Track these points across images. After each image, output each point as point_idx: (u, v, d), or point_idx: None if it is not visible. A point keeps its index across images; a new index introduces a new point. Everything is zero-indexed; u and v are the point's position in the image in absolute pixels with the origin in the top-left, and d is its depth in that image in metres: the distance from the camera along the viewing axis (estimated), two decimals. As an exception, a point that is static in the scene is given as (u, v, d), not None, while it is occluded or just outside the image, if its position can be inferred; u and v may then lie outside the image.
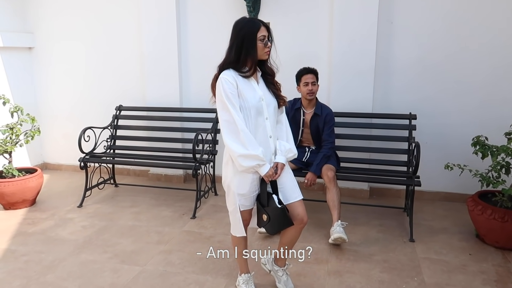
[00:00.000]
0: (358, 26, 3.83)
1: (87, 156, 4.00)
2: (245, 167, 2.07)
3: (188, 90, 4.54)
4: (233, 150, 2.07)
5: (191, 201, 3.95)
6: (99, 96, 4.85)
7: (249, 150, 2.04)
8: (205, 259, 2.90)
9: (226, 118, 2.08)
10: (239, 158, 2.06)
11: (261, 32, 2.10)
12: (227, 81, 2.07)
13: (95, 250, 3.05)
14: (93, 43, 4.75)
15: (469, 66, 3.76)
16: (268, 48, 2.14)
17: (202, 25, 4.35)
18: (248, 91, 2.12)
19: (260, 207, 2.21)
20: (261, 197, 2.21)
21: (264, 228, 2.28)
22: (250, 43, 2.09)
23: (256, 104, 2.12)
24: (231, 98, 2.06)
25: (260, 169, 2.11)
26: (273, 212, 2.14)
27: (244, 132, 2.05)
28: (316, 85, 3.34)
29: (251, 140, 2.06)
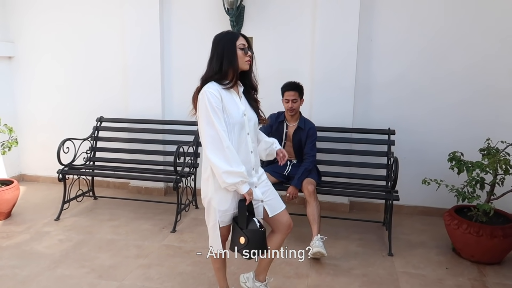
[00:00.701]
0: (339, 43, 3.92)
1: (66, 168, 3.93)
2: (228, 183, 2.05)
3: (171, 102, 4.54)
4: (218, 166, 2.04)
5: (171, 214, 3.92)
6: (79, 107, 4.79)
7: (233, 167, 2.02)
8: (185, 274, 2.87)
9: (210, 133, 2.04)
10: (223, 175, 2.04)
11: (240, 41, 2.12)
12: (212, 95, 2.04)
13: (71, 265, 2.98)
14: (75, 53, 4.71)
15: (446, 86, 3.88)
16: (249, 57, 2.13)
17: (186, 38, 4.38)
18: (232, 105, 2.11)
19: (238, 229, 2.13)
20: (239, 219, 2.14)
21: (239, 252, 2.18)
22: (230, 52, 2.10)
23: (239, 119, 2.12)
24: (217, 111, 2.03)
25: (241, 187, 2.07)
26: (254, 235, 2.09)
27: (229, 149, 2.03)
28: (297, 102, 3.38)
29: (236, 157, 2.05)
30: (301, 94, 3.41)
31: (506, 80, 3.75)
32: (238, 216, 2.15)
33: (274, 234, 2.33)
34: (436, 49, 3.86)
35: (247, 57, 2.13)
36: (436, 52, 3.86)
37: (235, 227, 2.17)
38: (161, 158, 4.41)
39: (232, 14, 4.03)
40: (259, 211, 2.22)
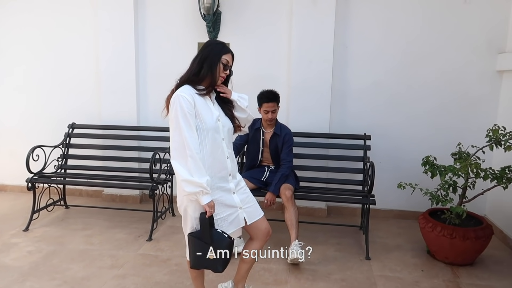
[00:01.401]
0: (315, 50, 3.97)
1: (35, 176, 3.78)
2: (187, 192, 2.01)
3: (146, 108, 4.46)
4: (178, 174, 2.01)
5: (147, 222, 3.82)
6: (49, 113, 4.63)
7: (194, 177, 1.98)
8: (162, 283, 2.80)
9: (177, 139, 2.01)
10: (182, 183, 2.01)
11: (227, 57, 2.12)
12: (185, 99, 2.00)
13: (42, 277, 2.85)
14: (46, 58, 4.56)
15: (420, 93, 3.99)
16: (225, 74, 2.12)
17: (161, 43, 4.32)
18: (205, 111, 2.08)
19: (203, 244, 2.04)
20: (202, 233, 2.05)
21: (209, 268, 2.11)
22: (213, 60, 2.09)
23: (213, 125, 2.09)
24: (188, 117, 1.99)
25: (202, 198, 2.00)
26: (222, 247, 2.04)
27: (192, 158, 1.98)
28: (275, 112, 3.38)
29: (199, 167, 1.99)
30: (278, 102, 3.42)
31: (476, 87, 3.89)
32: (200, 231, 2.07)
33: (253, 241, 2.30)
34: (410, 57, 3.96)
35: (224, 73, 2.11)
36: (410, 60, 3.97)
37: (196, 243, 2.07)
38: (136, 165, 4.31)
39: (209, 20, 4.01)
40: (240, 218, 2.19)
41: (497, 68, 3.82)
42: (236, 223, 2.18)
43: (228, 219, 2.15)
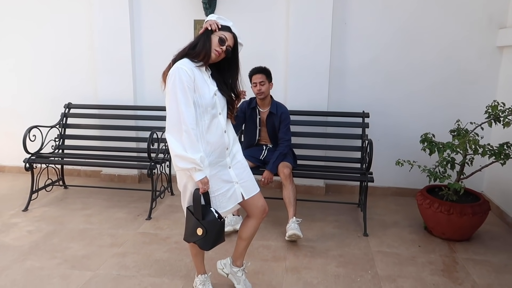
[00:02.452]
0: (313, 27, 3.90)
1: (32, 156, 3.77)
2: (180, 167, 2.01)
3: (143, 88, 4.41)
4: (172, 149, 2.00)
5: (146, 201, 3.84)
6: (46, 93, 4.58)
7: (187, 152, 1.96)
8: (162, 260, 2.83)
9: (173, 113, 1.98)
10: (175, 158, 2.00)
11: (225, 33, 2.07)
12: (185, 72, 1.96)
13: (42, 256, 2.88)
14: (40, 37, 4.48)
15: (419, 70, 3.95)
16: (221, 49, 2.05)
17: (157, 21, 4.24)
18: (204, 86, 2.05)
19: (195, 220, 2.05)
20: (195, 209, 2.06)
21: (195, 243, 2.13)
22: (208, 34, 2.07)
23: (210, 100, 2.06)
24: (187, 91, 1.96)
25: (195, 174, 1.99)
26: (212, 226, 2.03)
27: (187, 133, 1.96)
28: (265, 84, 3.32)
29: (193, 143, 1.97)
30: (269, 77, 3.36)
31: (476, 63, 3.85)
32: (193, 206, 2.08)
33: (249, 219, 2.31)
34: (409, 33, 3.90)
35: (219, 48, 2.04)
36: (409, 36, 3.90)
37: (190, 217, 2.09)
38: (134, 145, 4.30)
39: (205, -5, 3.92)
40: (237, 193, 2.19)
41: (497, 44, 3.77)
42: (234, 198, 2.18)
43: (226, 195, 2.16)
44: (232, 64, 2.17)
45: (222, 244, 2.16)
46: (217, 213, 2.07)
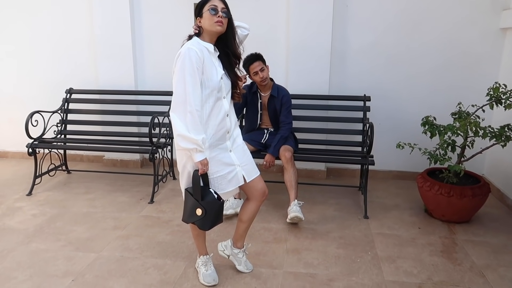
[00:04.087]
0: (314, 9, 3.86)
1: (35, 141, 3.79)
2: (181, 147, 2.03)
3: (143, 72, 4.40)
4: (175, 127, 2.01)
5: (148, 186, 3.87)
6: (47, 78, 4.58)
7: (190, 133, 1.98)
8: (164, 243, 2.87)
9: (180, 92, 1.99)
10: (178, 137, 2.02)
11: (212, 2, 2.04)
12: (195, 53, 1.97)
13: (47, 239, 2.92)
14: (40, 23, 4.45)
15: (420, 53, 3.91)
16: (219, 17, 2.03)
17: (157, 5, 4.19)
18: (212, 68, 2.06)
19: (194, 200, 2.08)
20: (194, 190, 2.08)
21: (197, 224, 2.15)
22: (198, 13, 2.07)
23: (217, 83, 2.07)
24: (195, 72, 1.96)
25: (195, 155, 2.01)
26: (211, 207, 2.07)
27: (192, 114, 1.97)
28: (264, 70, 3.31)
29: (196, 124, 1.98)
30: (264, 61, 3.34)
31: (478, 46, 3.81)
32: (192, 187, 2.10)
33: (249, 201, 2.34)
34: (411, 15, 3.85)
35: (217, 17, 2.03)
36: (411, 18, 3.86)
37: (188, 198, 2.11)
38: (136, 130, 4.31)
39: (204, -22, 3.87)
40: (239, 176, 2.20)
41: (500, 26, 3.73)
42: (236, 181, 2.20)
43: (227, 177, 2.18)
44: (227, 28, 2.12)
45: (223, 226, 2.20)
46: (216, 194, 2.10)
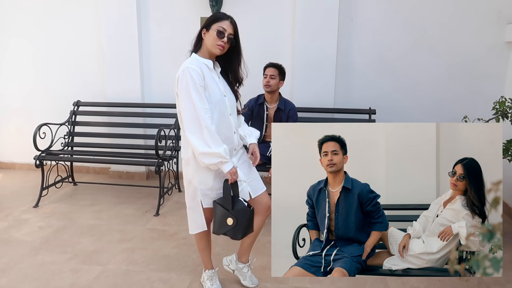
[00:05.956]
0: (320, 22, 3.90)
1: (43, 153, 3.83)
2: (206, 164, 2.03)
3: (150, 85, 4.45)
4: (195, 147, 2.01)
5: (154, 198, 3.89)
6: (55, 91, 4.65)
7: (211, 148, 1.99)
8: (169, 256, 2.87)
9: (190, 112, 2.00)
10: (200, 156, 2.02)
11: (222, 24, 2.05)
12: (195, 71, 1.98)
13: (53, 251, 2.93)
14: (48, 35, 4.54)
15: (425, 65, 3.95)
16: (223, 42, 2.04)
17: (164, 19, 4.27)
18: (212, 83, 2.08)
19: (224, 211, 2.08)
20: (224, 200, 2.10)
21: (225, 234, 2.15)
22: (206, 26, 2.08)
23: (220, 98, 2.09)
24: (199, 89, 1.98)
25: (223, 166, 2.03)
26: (242, 215, 2.07)
27: (208, 129, 1.99)
28: (275, 79, 3.35)
29: (214, 137, 2.00)
30: (282, 74, 3.39)
31: (484, 59, 3.83)
32: (222, 197, 2.12)
33: (255, 216, 2.33)
34: (416, 28, 3.89)
35: (220, 41, 2.04)
36: (416, 32, 3.90)
37: (218, 209, 2.12)
38: (142, 142, 4.35)
39: (211, -7, 3.94)
40: (245, 192, 2.21)
41: (506, 39, 3.74)
42: (242, 196, 2.20)
43: None
44: (234, 50, 2.14)
45: (228, 240, 2.19)
46: (246, 202, 2.11)
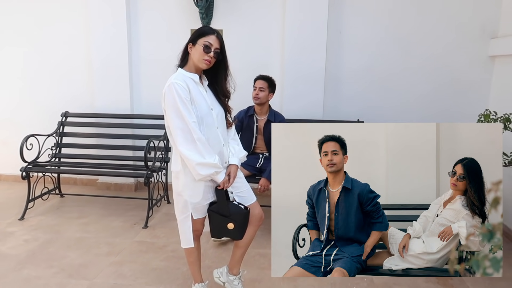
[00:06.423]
0: (309, 36, 3.96)
1: (29, 165, 3.77)
2: (203, 175, 2.04)
3: (140, 96, 4.44)
4: (190, 159, 2.02)
5: (143, 210, 3.85)
6: (43, 102, 4.60)
7: (206, 158, 2.01)
8: (158, 269, 2.84)
9: (180, 126, 2.01)
10: (196, 167, 2.02)
11: (208, 39, 2.06)
12: (180, 86, 2.00)
13: (39, 265, 2.88)
14: (36, 45, 4.50)
15: (412, 78, 4.03)
16: (209, 57, 2.06)
17: (154, 30, 4.28)
18: (199, 96, 2.09)
19: (223, 218, 2.12)
20: (220, 208, 2.13)
21: (229, 236, 2.21)
22: (192, 40, 2.09)
23: (207, 112, 2.10)
24: (186, 103, 2.00)
25: (217, 176, 2.08)
26: (240, 218, 2.14)
27: (200, 141, 2.01)
28: (264, 91, 3.38)
29: (207, 148, 2.03)
30: (271, 87, 3.42)
31: (469, 72, 3.92)
32: (217, 205, 2.15)
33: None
34: (402, 41, 3.98)
35: (207, 56, 2.05)
36: (402, 45, 3.98)
37: (215, 217, 2.15)
38: (131, 153, 4.31)
39: (201, 6, 3.97)
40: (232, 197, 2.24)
41: (489, 53, 3.85)
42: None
43: None
44: (220, 64, 2.16)
45: (218, 252, 2.21)
46: (241, 205, 2.16)
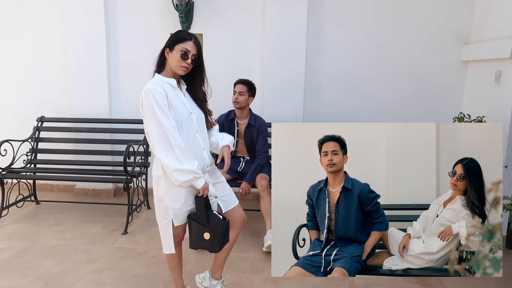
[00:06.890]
0: (289, 40, 4.00)
1: (3, 171, 3.66)
2: (180, 181, 2.02)
3: (118, 100, 4.37)
4: (168, 165, 2.00)
5: (122, 216, 3.79)
6: (18, 106, 4.47)
7: (184, 164, 1.99)
8: (139, 276, 2.79)
9: (158, 132, 1.99)
10: (174, 173, 2.00)
11: (185, 45, 2.04)
12: (157, 92, 1.99)
13: (14, 274, 2.79)
14: (13, 50, 4.38)
15: (390, 82, 4.12)
16: (187, 64, 2.05)
17: (133, 34, 4.24)
18: (177, 101, 2.07)
19: (200, 226, 2.08)
20: (199, 216, 2.10)
21: (203, 248, 2.16)
22: (169, 45, 2.07)
23: (186, 116, 2.09)
24: (164, 109, 1.98)
25: (196, 182, 2.04)
26: (218, 229, 2.08)
27: (178, 147, 1.99)
28: (244, 96, 3.39)
29: (186, 154, 2.01)
30: (251, 91, 3.43)
31: (443, 77, 4.05)
32: (196, 213, 2.12)
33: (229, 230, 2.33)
34: (379, 47, 4.07)
35: (184, 63, 2.04)
36: (380, 50, 4.07)
37: (193, 225, 2.12)
38: (110, 158, 4.24)
39: (181, 10, 3.96)
40: (214, 207, 2.21)
41: (462, 58, 3.97)
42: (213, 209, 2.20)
43: None
44: (197, 70, 2.14)
45: (200, 257, 2.18)
46: (221, 215, 2.11)
